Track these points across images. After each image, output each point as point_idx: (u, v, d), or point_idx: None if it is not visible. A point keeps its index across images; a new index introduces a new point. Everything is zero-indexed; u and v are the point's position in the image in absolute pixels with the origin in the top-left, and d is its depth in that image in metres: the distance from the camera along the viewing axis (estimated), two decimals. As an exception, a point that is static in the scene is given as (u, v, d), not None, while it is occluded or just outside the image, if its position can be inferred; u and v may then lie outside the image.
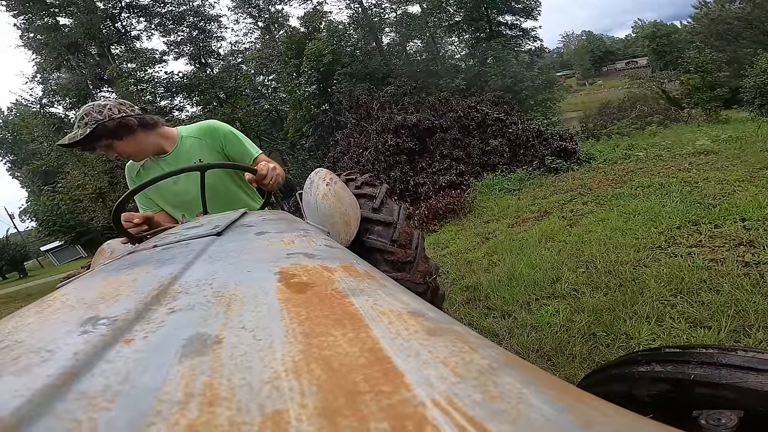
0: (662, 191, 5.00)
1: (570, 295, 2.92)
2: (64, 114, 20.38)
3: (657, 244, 3.39)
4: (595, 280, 3.03)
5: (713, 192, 4.56)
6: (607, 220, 4.38)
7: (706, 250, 3.11)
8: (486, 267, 4.06)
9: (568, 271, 3.32)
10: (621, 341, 2.24)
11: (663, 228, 3.69)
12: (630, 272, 2.99)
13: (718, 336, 2.07)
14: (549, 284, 3.19)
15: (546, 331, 2.54)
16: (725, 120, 13.72)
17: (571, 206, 5.42)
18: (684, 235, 3.46)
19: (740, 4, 27.07)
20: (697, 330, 2.16)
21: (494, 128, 9.74)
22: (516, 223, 5.48)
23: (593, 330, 2.40)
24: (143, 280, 0.49)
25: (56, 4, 18.46)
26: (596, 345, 2.27)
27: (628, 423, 0.21)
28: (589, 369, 2.06)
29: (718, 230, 3.42)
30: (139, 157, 1.59)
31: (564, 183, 7.00)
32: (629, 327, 2.32)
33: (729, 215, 3.65)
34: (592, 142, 11.86)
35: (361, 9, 20.98)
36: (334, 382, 0.23)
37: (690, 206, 4.15)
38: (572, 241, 4.01)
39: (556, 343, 2.39)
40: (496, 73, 14.24)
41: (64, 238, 25.19)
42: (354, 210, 1.75)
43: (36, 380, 0.25)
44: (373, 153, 9.38)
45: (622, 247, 3.49)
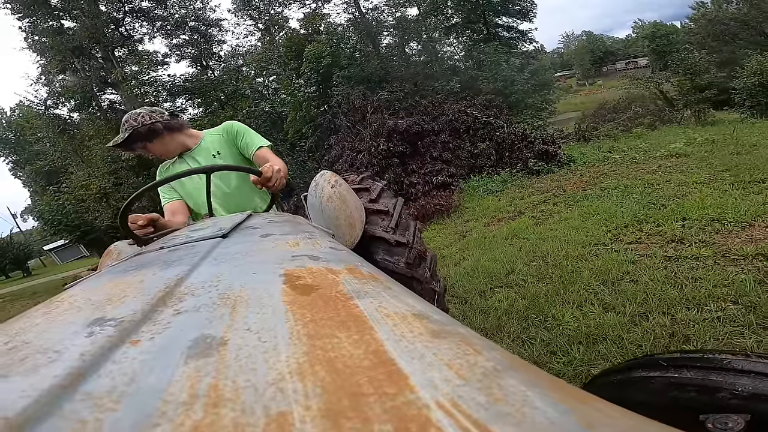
0: (625, 192, 5.40)
1: (518, 284, 3.36)
2: (68, 116, 20.80)
3: (602, 241, 3.82)
4: (542, 272, 3.46)
5: (670, 194, 4.95)
6: (569, 219, 4.80)
7: (642, 246, 3.53)
8: (457, 261, 4.50)
9: (522, 264, 3.75)
10: (548, 322, 2.67)
11: (612, 226, 4.11)
12: (572, 265, 3.42)
13: (623, 319, 2.48)
14: (504, 275, 3.63)
15: (492, 314, 2.98)
16: (713, 122, 14.02)
17: (542, 207, 5.84)
18: (628, 233, 3.88)
19: (737, 4, 27.22)
20: (608, 314, 2.58)
21: (483, 131, 10.14)
22: (492, 222, 5.90)
23: (527, 313, 2.84)
24: (150, 281, 0.50)
25: (61, 8, 18.86)
26: (527, 326, 2.70)
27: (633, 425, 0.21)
28: (517, 345, 2.50)
29: (659, 229, 3.83)
30: (169, 155, 1.81)
31: (542, 185, 7.41)
32: (557, 311, 2.75)
33: (673, 215, 4.06)
34: (582, 144, 12.19)
35: (358, 12, 21.32)
36: (338, 384, 0.24)
37: (644, 207, 4.56)
38: (533, 238, 4.43)
39: (496, 323, 2.83)
40: (488, 77, 14.63)
41: (69, 238, 25.61)
42: (359, 212, 1.77)
43: (43, 380, 0.25)
44: (366, 156, 9.80)
45: (573, 243, 3.92)
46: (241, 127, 1.85)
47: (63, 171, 21.11)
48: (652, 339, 2.22)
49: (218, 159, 1.79)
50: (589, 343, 2.34)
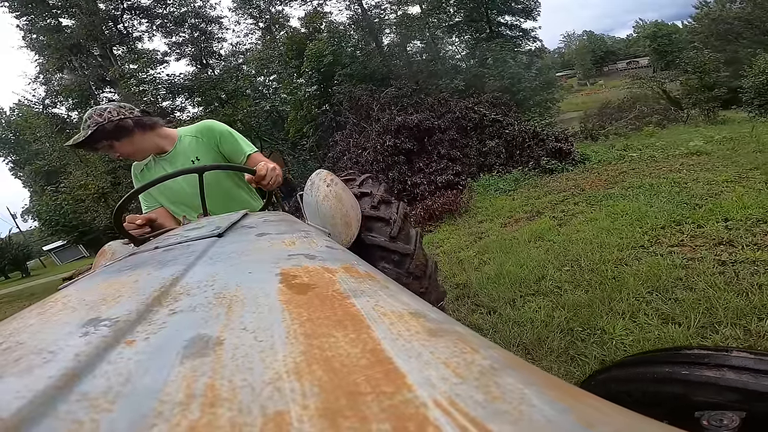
0: (651, 192, 5.10)
1: (553, 292, 3.03)
2: (66, 115, 20.53)
3: (640, 243, 3.50)
4: (578, 278, 3.14)
5: (701, 192, 4.65)
6: (595, 220, 4.48)
7: (687, 249, 3.22)
8: (476, 265, 4.18)
9: (553, 269, 3.43)
10: (596, 336, 2.35)
11: (647, 228, 3.79)
12: (611, 270, 3.10)
13: (687, 332, 2.18)
14: (534, 282, 3.30)
15: (528, 327, 2.66)
16: (723, 120, 13.80)
17: (562, 206, 5.53)
18: (667, 235, 3.56)
19: (740, 4, 27.08)
20: (669, 326, 2.27)
21: (491, 129, 9.84)
22: (508, 222, 5.58)
23: (571, 325, 2.51)
24: (144, 281, 0.49)
25: (58, 6, 18.59)
26: (573, 339, 2.38)
27: (630, 423, 0.21)
28: (564, 362, 2.18)
29: (701, 230, 3.52)
30: (139, 156, 1.65)
31: (558, 183, 7.10)
32: (605, 322, 2.43)
33: (713, 215, 3.75)
34: (590, 142, 11.95)
35: (360, 10, 21.06)
36: (335, 383, 0.23)
37: (676, 206, 4.25)
38: (560, 240, 4.11)
39: (535, 337, 2.50)
40: (494, 74, 14.33)
41: (67, 238, 25.39)
42: (355, 211, 1.76)
43: (37, 381, 0.25)
44: (371, 153, 9.49)
45: (606, 246, 3.60)
46: (223, 130, 1.71)
47: (62, 171, 20.84)
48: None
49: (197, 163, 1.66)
50: (653, 362, 2.02)
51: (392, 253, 1.78)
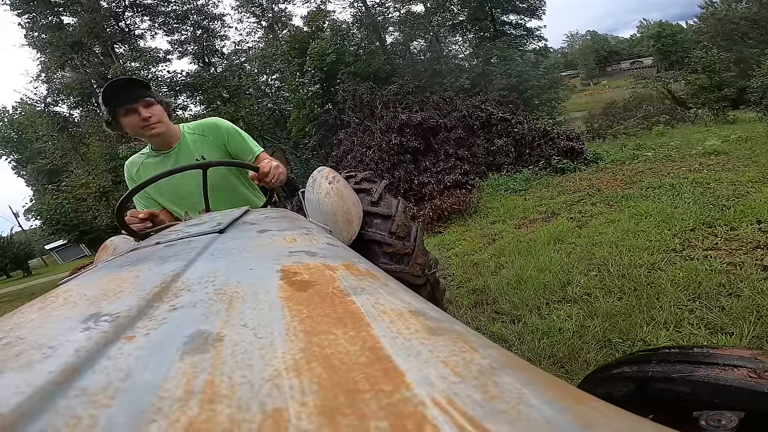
0: (673, 192, 4.89)
1: (582, 300, 2.83)
2: (68, 113, 20.41)
3: (671, 246, 3.29)
4: (607, 284, 2.94)
5: (726, 193, 4.45)
6: (617, 221, 4.27)
7: (723, 253, 3.01)
8: (493, 269, 3.97)
9: (579, 274, 3.22)
10: (638, 348, 2.15)
11: (677, 230, 3.59)
12: (645, 276, 2.89)
13: (741, 342, 1.98)
14: (559, 287, 3.10)
15: (558, 337, 2.45)
16: (732, 120, 13.60)
17: (579, 207, 5.32)
18: (699, 238, 3.35)
19: (747, 3, 26.94)
20: (718, 336, 2.07)
21: (499, 128, 9.63)
22: (523, 224, 5.38)
23: (608, 336, 2.31)
24: (145, 277, 0.49)
25: (60, 3, 18.46)
26: (612, 351, 2.18)
27: (628, 424, 0.21)
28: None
29: (734, 233, 3.32)
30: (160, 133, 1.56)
31: (571, 183, 6.89)
32: (646, 333, 2.23)
33: (744, 217, 3.55)
34: (599, 142, 11.76)
35: (364, 8, 20.88)
36: (334, 381, 0.23)
37: (703, 207, 4.05)
38: (582, 243, 3.91)
39: (569, 349, 2.30)
40: (501, 72, 14.12)
41: (68, 237, 25.28)
42: (356, 209, 1.74)
43: (37, 376, 0.25)
44: (376, 152, 9.30)
45: (634, 249, 3.39)
46: (230, 128, 1.69)
47: (64, 169, 20.74)
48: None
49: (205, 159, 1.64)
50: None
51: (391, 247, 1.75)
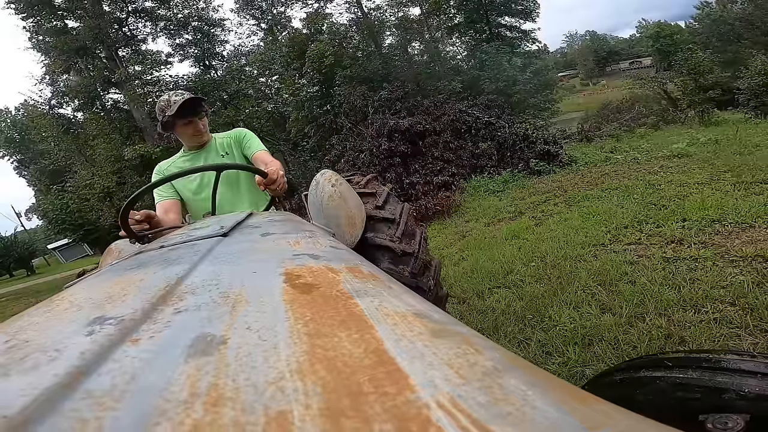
0: (626, 193, 5.38)
1: (516, 285, 3.35)
2: (72, 115, 20.89)
3: (602, 241, 3.80)
4: (540, 273, 3.45)
5: (671, 194, 4.92)
6: (569, 219, 4.78)
7: (642, 247, 3.52)
8: (456, 261, 4.49)
9: (520, 264, 3.74)
10: (544, 323, 2.66)
11: (612, 227, 4.09)
12: (570, 266, 3.41)
13: (620, 320, 2.47)
14: (502, 276, 3.62)
15: (489, 315, 2.97)
16: (717, 122, 13.95)
17: (543, 207, 5.83)
18: (627, 234, 3.86)
19: (741, 4, 27.14)
20: (605, 315, 2.57)
21: (485, 131, 10.13)
22: (492, 222, 5.89)
23: (525, 314, 2.83)
24: (150, 280, 0.49)
25: (65, 8, 18.94)
26: (524, 326, 2.70)
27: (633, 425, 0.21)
28: (514, 345, 2.50)
29: (659, 229, 3.81)
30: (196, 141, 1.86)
31: (543, 185, 7.40)
32: (553, 311, 2.74)
33: (673, 216, 4.04)
34: (585, 144, 12.14)
35: (360, 12, 21.31)
36: (338, 383, 0.24)
37: (644, 207, 4.54)
38: (533, 238, 4.42)
39: (494, 324, 2.82)
40: (489, 77, 14.60)
41: (72, 237, 25.73)
42: (359, 211, 1.75)
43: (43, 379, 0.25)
44: (368, 156, 9.81)
45: (572, 244, 3.91)
46: (249, 133, 1.97)
47: (67, 170, 21.22)
48: (648, 340, 2.21)
49: (226, 158, 1.86)
50: (585, 344, 2.33)
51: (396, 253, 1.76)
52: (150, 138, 16.36)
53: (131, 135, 17.95)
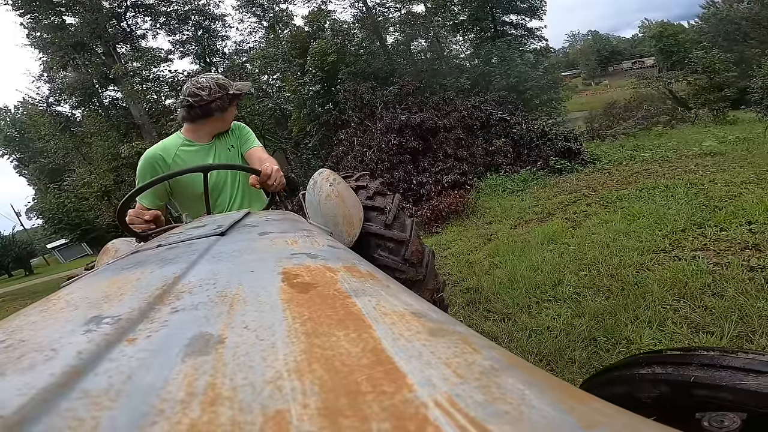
0: (667, 193, 4.94)
1: (571, 299, 2.88)
2: (70, 112, 20.50)
3: (661, 247, 3.35)
4: (597, 284, 2.99)
5: (719, 194, 4.49)
6: (610, 222, 4.33)
7: (711, 253, 3.06)
8: (487, 269, 4.03)
9: (569, 273, 3.28)
10: (621, 346, 2.21)
11: (667, 231, 3.64)
12: (633, 276, 2.95)
13: (720, 341, 2.03)
14: (550, 287, 3.15)
15: (546, 335, 2.51)
16: (732, 121, 13.62)
17: (574, 208, 5.37)
18: (689, 239, 3.40)
19: (748, 4, 26.90)
20: (700, 335, 2.12)
21: (498, 128, 9.69)
22: (519, 224, 5.43)
23: (593, 334, 2.37)
24: (147, 279, 0.49)
25: (62, 3, 18.54)
26: (596, 350, 2.24)
27: (631, 425, 0.21)
28: (588, 374, 2.03)
29: (724, 233, 3.37)
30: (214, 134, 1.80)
31: (568, 184, 6.95)
32: (630, 331, 2.29)
33: (735, 218, 3.60)
34: (597, 142, 11.80)
35: (365, 8, 20.94)
36: (336, 383, 0.23)
37: (695, 209, 4.10)
38: (575, 243, 3.96)
39: (555, 347, 2.36)
40: (500, 73, 14.17)
41: (70, 236, 25.41)
42: (357, 210, 1.75)
43: (39, 379, 0.25)
44: (376, 152, 9.37)
45: (625, 249, 3.45)
46: (246, 127, 1.93)
47: (66, 169, 20.86)
48: None
49: (232, 152, 1.80)
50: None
51: (388, 240, 1.78)
52: (148, 135, 15.96)
53: (129, 132, 17.56)
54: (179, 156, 1.69)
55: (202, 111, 1.66)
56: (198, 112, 1.67)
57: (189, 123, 1.73)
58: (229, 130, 1.82)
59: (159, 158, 1.67)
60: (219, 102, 1.67)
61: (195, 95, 1.64)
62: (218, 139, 1.78)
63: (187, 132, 1.75)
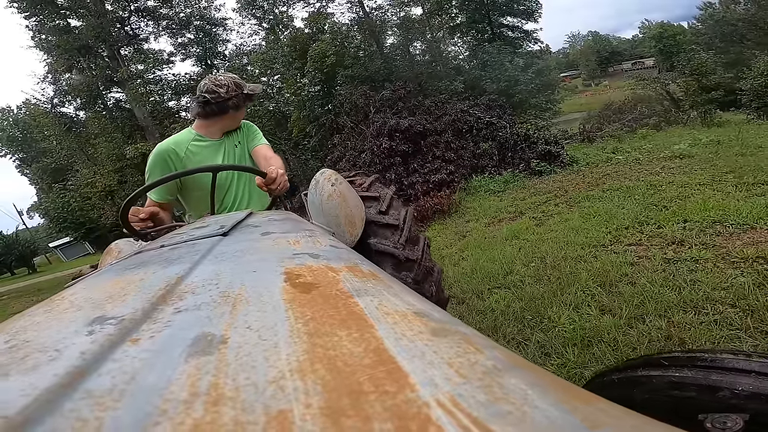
0: (627, 194, 5.36)
1: (516, 286, 3.34)
2: (75, 114, 20.93)
3: (602, 242, 3.79)
4: (540, 273, 3.44)
5: (672, 195, 4.89)
6: (569, 220, 4.76)
7: (642, 248, 3.50)
8: (456, 261, 4.48)
9: (521, 265, 3.73)
10: (543, 324, 2.66)
11: (613, 228, 4.08)
12: (570, 267, 3.39)
13: (619, 321, 2.46)
14: (502, 276, 3.61)
15: (489, 315, 2.96)
16: (719, 123, 13.89)
17: (543, 207, 5.81)
18: (628, 235, 3.84)
19: (745, 5, 27.03)
20: (605, 317, 2.56)
21: (486, 132, 10.11)
22: (492, 222, 5.88)
23: (524, 314, 2.82)
24: (150, 279, 0.49)
25: (67, 7, 18.97)
26: (523, 327, 2.69)
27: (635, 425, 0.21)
28: (513, 347, 2.48)
29: (660, 230, 3.79)
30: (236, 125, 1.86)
31: (544, 185, 7.37)
32: (553, 312, 2.73)
33: (674, 217, 4.02)
34: (586, 144, 12.12)
35: (362, 12, 21.31)
36: (338, 382, 0.24)
37: (645, 208, 4.52)
38: (533, 239, 4.41)
39: (493, 324, 2.81)
40: (491, 77, 14.58)
41: (74, 235, 25.82)
42: (359, 210, 1.75)
43: (43, 379, 0.25)
44: (369, 155, 9.80)
45: (573, 244, 3.89)
46: (252, 125, 1.96)
47: (69, 169, 21.28)
48: (648, 342, 2.20)
49: (238, 149, 1.83)
50: (584, 345, 2.32)
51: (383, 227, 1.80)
52: (151, 137, 16.38)
53: (133, 134, 17.97)
54: (191, 150, 1.72)
55: (218, 108, 1.69)
56: (214, 108, 1.69)
57: (202, 119, 1.75)
58: (237, 128, 1.87)
59: (171, 151, 1.68)
60: (235, 100, 1.71)
61: (213, 92, 1.66)
62: (227, 137, 1.81)
63: (199, 128, 1.77)
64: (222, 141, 1.79)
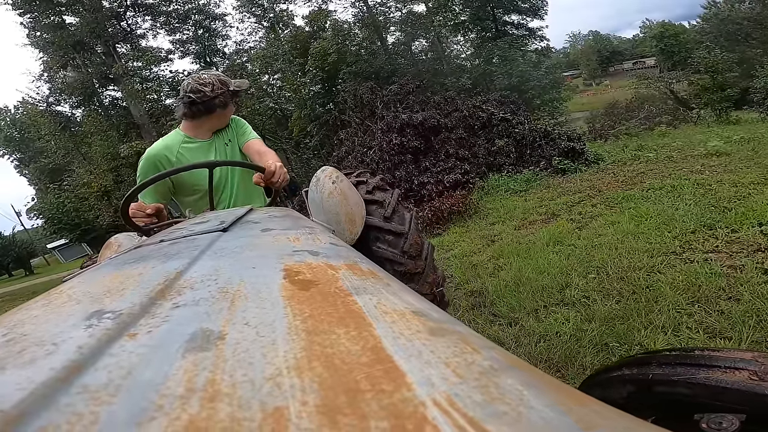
0: (674, 194, 4.86)
1: (580, 303, 2.80)
2: (70, 112, 20.43)
3: (671, 249, 3.26)
4: (606, 287, 2.91)
5: (727, 195, 4.40)
6: (617, 223, 4.24)
7: (724, 256, 2.98)
8: (491, 271, 3.94)
9: (577, 276, 3.19)
10: (635, 352, 2.12)
11: (677, 232, 3.55)
12: (644, 279, 2.86)
13: (740, 347, 1.94)
14: (558, 290, 3.07)
15: (555, 341, 2.42)
16: (735, 121, 13.52)
17: (579, 208, 5.29)
18: (699, 240, 3.32)
19: (750, 4, 26.81)
20: (716, 340, 2.04)
21: (500, 128, 9.59)
22: (523, 225, 5.35)
23: (605, 340, 2.28)
24: (149, 274, 0.49)
25: (62, 3, 18.48)
26: (609, 356, 2.15)
27: (629, 426, 0.21)
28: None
29: (735, 235, 3.28)
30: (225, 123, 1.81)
31: (572, 184, 6.86)
32: (644, 337, 2.20)
33: (746, 219, 3.51)
34: (600, 142, 11.72)
35: (366, 8, 20.87)
36: (335, 380, 0.23)
37: (704, 209, 4.01)
38: (581, 245, 3.88)
39: (565, 353, 2.27)
40: (502, 72, 14.07)
41: (70, 236, 25.33)
42: (359, 209, 1.75)
43: (40, 373, 0.25)
44: (377, 152, 9.28)
45: (634, 252, 3.36)
46: (242, 120, 1.90)
47: (66, 168, 20.81)
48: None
49: (229, 147, 1.77)
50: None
51: (387, 233, 1.79)
52: (148, 135, 15.88)
53: (129, 132, 17.49)
54: (182, 153, 1.67)
55: (204, 107, 1.64)
56: (201, 108, 1.64)
57: (189, 120, 1.69)
58: (226, 126, 1.80)
59: (162, 157, 1.64)
60: (221, 98, 1.65)
61: (197, 91, 1.61)
62: (217, 136, 1.76)
63: (187, 129, 1.72)
64: (212, 141, 1.74)
